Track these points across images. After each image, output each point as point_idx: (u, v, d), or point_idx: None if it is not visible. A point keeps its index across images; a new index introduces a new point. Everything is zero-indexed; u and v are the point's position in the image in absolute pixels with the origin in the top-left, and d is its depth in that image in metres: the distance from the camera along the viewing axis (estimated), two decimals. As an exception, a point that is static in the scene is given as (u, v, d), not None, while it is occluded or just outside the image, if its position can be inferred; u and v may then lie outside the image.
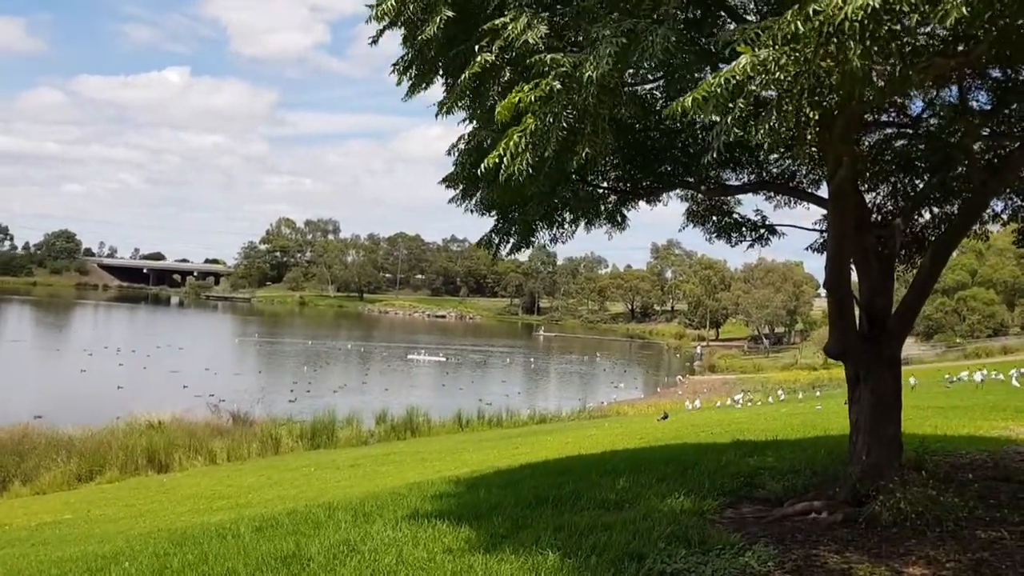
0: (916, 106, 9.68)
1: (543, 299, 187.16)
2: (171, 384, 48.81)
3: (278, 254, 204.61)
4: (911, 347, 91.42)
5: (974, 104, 9.08)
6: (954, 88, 9.09)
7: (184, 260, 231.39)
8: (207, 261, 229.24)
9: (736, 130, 4.12)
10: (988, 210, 10.45)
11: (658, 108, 7.68)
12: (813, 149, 4.45)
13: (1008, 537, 6.70)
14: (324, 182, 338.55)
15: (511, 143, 4.82)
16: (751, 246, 10.56)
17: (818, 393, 38.34)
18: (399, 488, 10.90)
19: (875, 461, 7.88)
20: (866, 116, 10.01)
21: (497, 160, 4.84)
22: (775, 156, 10.82)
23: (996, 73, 8.69)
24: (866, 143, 10.08)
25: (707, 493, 8.47)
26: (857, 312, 8.39)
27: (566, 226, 10.19)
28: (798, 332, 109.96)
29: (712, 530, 7.07)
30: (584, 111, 4.78)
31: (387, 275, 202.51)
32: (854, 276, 8.83)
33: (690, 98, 4.03)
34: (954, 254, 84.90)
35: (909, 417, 16.27)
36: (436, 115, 5.69)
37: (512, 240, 9.40)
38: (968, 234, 10.64)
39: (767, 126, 4.00)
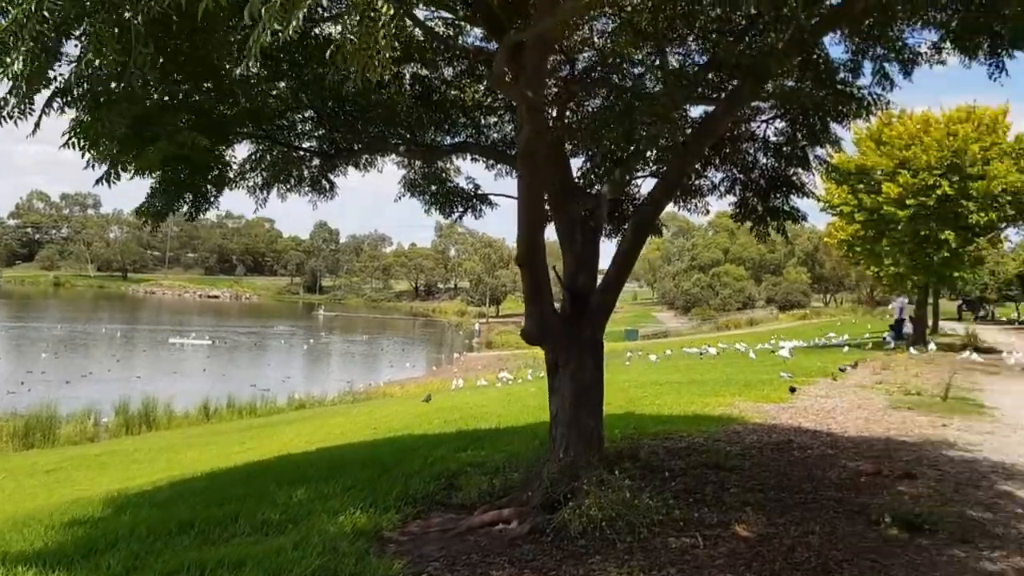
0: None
1: (326, 277, 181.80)
2: None
3: (29, 230, 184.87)
4: (671, 320, 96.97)
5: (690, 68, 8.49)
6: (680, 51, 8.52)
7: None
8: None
9: (276, 25, 2.76)
10: (708, 182, 10.01)
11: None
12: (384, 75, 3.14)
13: (701, 545, 5.95)
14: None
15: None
16: (461, 217, 9.48)
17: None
18: (39, 511, 8.89)
19: (572, 459, 6.97)
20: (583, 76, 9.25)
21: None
22: (494, 119, 9.83)
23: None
24: (589, 107, 9.27)
25: (394, 503, 7.27)
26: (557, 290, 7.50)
27: (258, 192, 8.69)
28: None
29: (374, 558, 5.83)
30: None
31: (155, 253, 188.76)
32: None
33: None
34: (709, 233, 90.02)
35: (646, 394, 16.11)
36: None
37: (171, 204, 7.66)
38: (689, 207, 10.17)
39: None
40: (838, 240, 33.26)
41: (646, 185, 10.37)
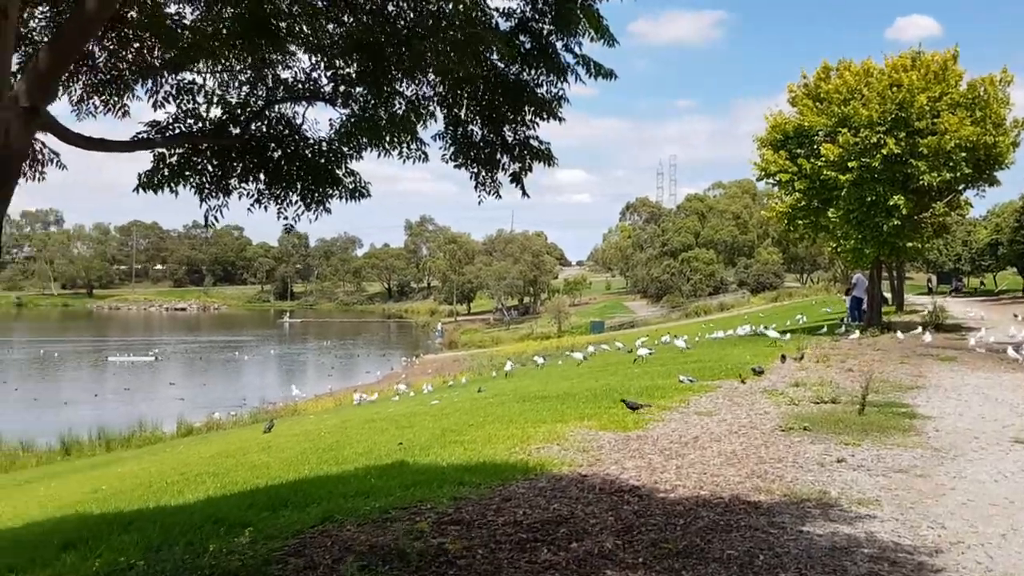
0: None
1: (297, 283, 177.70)
2: None
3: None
4: (642, 309, 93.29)
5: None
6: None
7: None
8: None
9: None
10: (399, 102, 6.17)
11: None
12: None
13: None
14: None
15: None
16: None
17: (509, 368, 34.80)
18: None
19: None
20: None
21: None
22: None
23: None
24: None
25: None
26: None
27: None
28: (543, 302, 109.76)
29: None
30: None
31: (121, 268, 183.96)
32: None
33: None
34: (681, 216, 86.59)
35: (476, 422, 12.24)
36: None
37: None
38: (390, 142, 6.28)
39: None
40: (777, 212, 29.41)
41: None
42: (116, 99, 6.12)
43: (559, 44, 5.74)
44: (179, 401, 42.14)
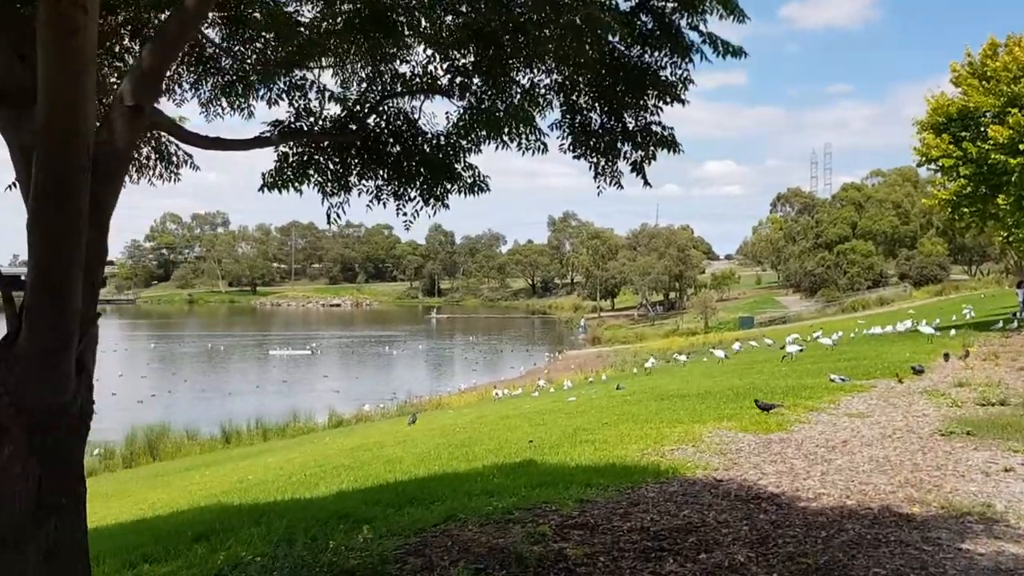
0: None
1: (443, 280, 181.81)
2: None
3: (164, 251, 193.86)
4: (795, 304, 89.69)
5: None
6: None
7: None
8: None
9: None
10: (516, 89, 5.96)
11: None
12: None
13: None
14: (223, 173, 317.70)
15: None
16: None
17: (651, 365, 34.08)
18: None
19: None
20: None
21: None
22: None
23: None
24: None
25: None
26: None
27: None
28: (689, 298, 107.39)
29: None
30: None
31: (281, 266, 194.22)
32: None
33: None
34: (837, 207, 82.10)
35: (611, 419, 11.95)
36: None
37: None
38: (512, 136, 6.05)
39: None
40: (939, 200, 27.40)
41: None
42: (241, 100, 6.23)
43: (683, 22, 5.41)
44: (333, 393, 43.85)
